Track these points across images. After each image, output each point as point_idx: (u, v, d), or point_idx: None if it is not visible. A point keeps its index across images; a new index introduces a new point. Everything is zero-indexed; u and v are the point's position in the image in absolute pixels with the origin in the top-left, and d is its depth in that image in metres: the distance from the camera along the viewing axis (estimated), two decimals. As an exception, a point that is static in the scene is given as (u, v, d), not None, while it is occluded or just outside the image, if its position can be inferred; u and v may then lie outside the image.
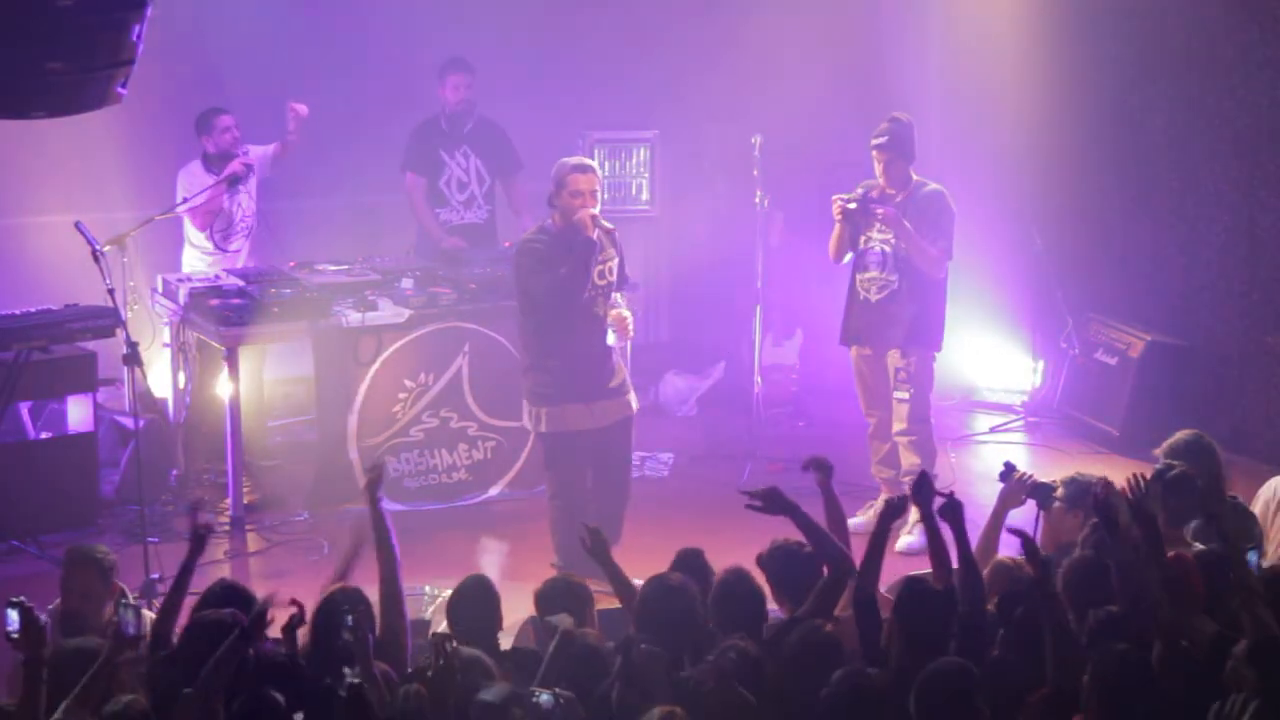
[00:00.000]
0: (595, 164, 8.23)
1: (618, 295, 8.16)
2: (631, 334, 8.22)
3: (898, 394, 8.69)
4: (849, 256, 8.82)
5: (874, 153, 8.60)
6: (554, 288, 7.85)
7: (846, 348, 8.93)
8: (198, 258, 9.67)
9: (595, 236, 7.89)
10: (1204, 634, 5.42)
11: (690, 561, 6.16)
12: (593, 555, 6.17)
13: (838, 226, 8.66)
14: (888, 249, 8.60)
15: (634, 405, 8.31)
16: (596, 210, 7.93)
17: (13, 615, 5.11)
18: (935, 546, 5.99)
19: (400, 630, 5.64)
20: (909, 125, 8.66)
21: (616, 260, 8.12)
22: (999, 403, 11.14)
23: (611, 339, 8.07)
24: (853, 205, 8.55)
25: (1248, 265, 10.09)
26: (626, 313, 8.12)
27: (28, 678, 5.06)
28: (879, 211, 8.55)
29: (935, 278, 8.61)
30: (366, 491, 6.01)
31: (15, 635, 5.10)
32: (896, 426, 8.73)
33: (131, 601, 6.21)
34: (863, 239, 8.68)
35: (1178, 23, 10.36)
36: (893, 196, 8.61)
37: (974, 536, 6.17)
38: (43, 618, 5.17)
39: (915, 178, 8.69)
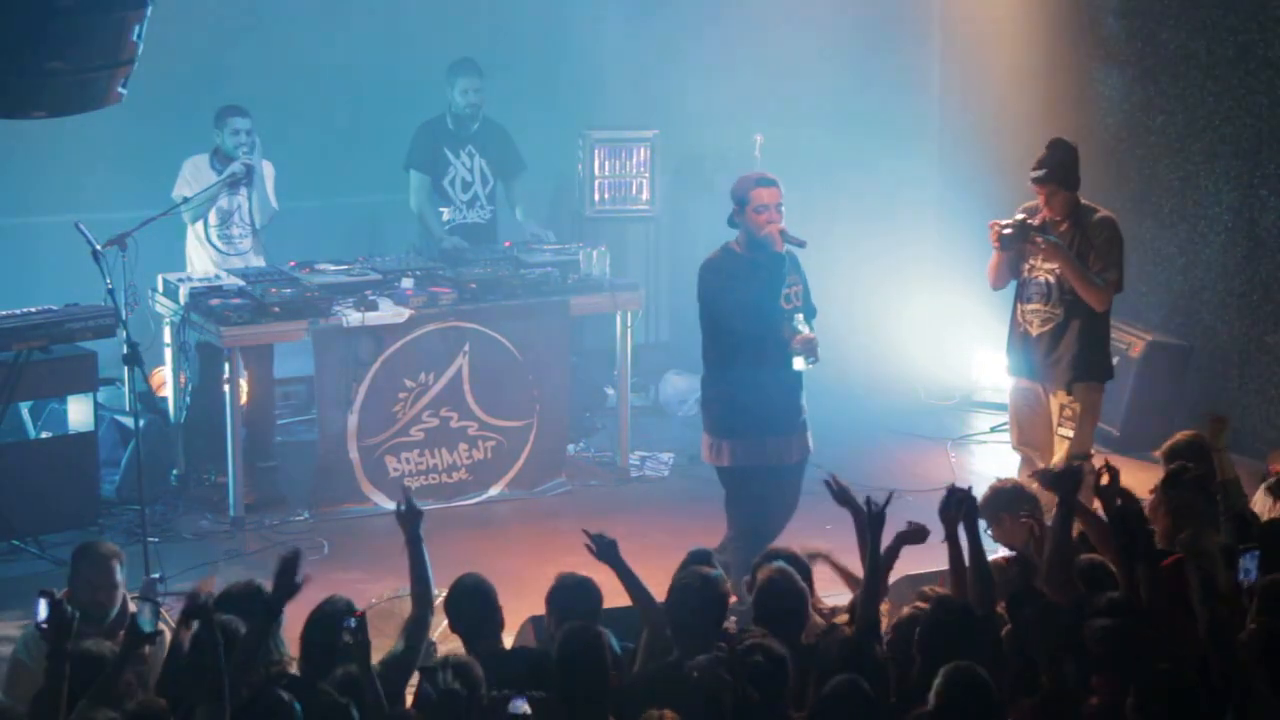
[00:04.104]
0: (777, 177, 7.50)
1: (798, 317, 7.44)
2: (818, 358, 7.37)
3: (1061, 431, 8.08)
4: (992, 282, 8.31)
5: (1033, 186, 8.05)
6: (743, 308, 7.26)
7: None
8: (198, 252, 9.66)
9: (785, 252, 7.34)
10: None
11: (700, 560, 6.15)
12: (602, 560, 6.03)
13: (996, 253, 8.09)
14: (1052, 280, 8.00)
15: (811, 445, 7.59)
16: (783, 225, 7.33)
17: (43, 606, 5.14)
18: (957, 562, 5.95)
19: (410, 662, 5.58)
20: (1069, 150, 8.04)
21: (801, 286, 7.54)
22: (999, 403, 11.13)
23: (799, 364, 7.34)
24: (1008, 231, 7.98)
25: (1248, 265, 10.10)
26: (812, 332, 7.41)
27: (51, 670, 5.11)
28: (1039, 240, 7.95)
29: (1100, 311, 8.03)
30: (402, 523, 5.74)
31: (44, 626, 5.14)
32: (1054, 460, 8.08)
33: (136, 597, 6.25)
34: (1026, 267, 8.08)
35: (1178, 23, 10.37)
36: (1058, 224, 8.03)
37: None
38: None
39: (1083, 203, 8.09)
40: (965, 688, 5.01)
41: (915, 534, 6.08)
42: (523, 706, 4.94)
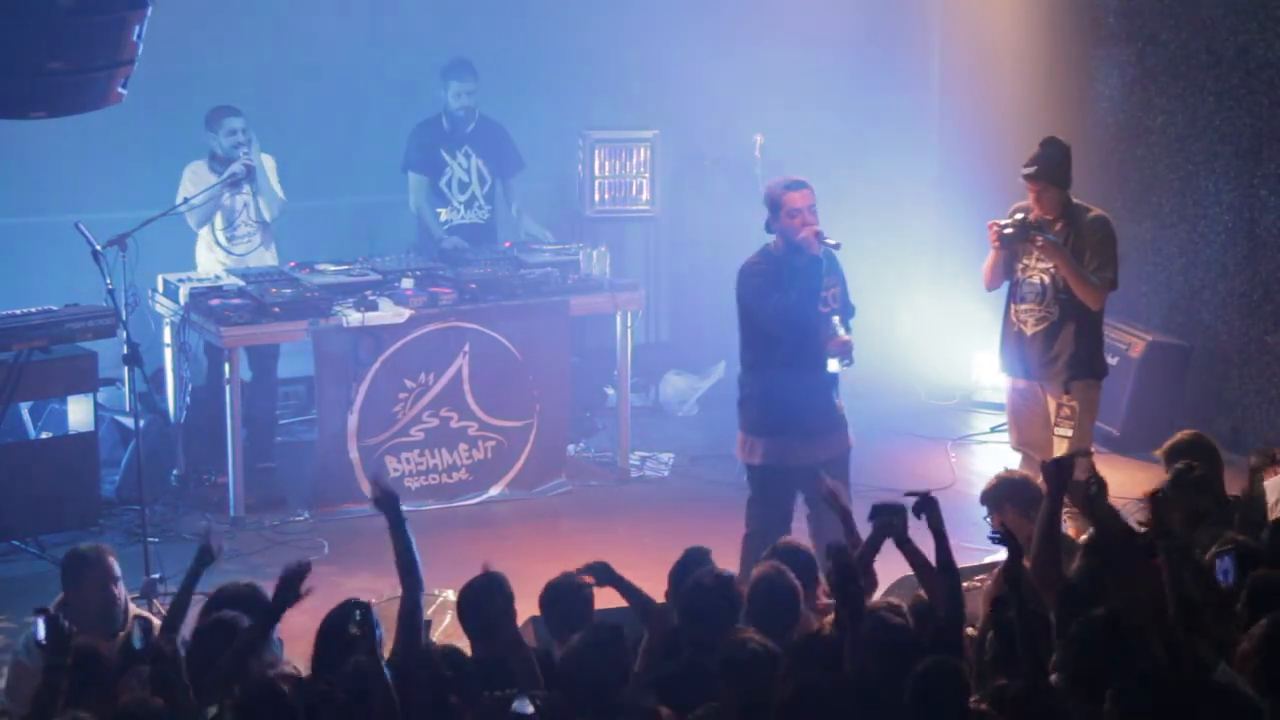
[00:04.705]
0: (806, 179, 7.52)
1: (835, 320, 7.49)
2: (853, 360, 7.47)
3: (1059, 431, 8.04)
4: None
5: (1024, 183, 8.07)
6: (781, 312, 7.31)
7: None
8: (207, 253, 9.65)
9: (820, 255, 7.34)
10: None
11: (699, 559, 6.14)
12: (603, 584, 5.98)
13: (993, 252, 8.09)
14: (1047, 279, 8.01)
15: (852, 440, 7.66)
16: (819, 227, 7.35)
17: (41, 625, 5.21)
18: (919, 561, 5.95)
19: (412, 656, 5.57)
20: (1061, 149, 8.04)
21: (839, 287, 7.57)
22: (998, 403, 11.12)
23: (834, 366, 7.42)
24: (1009, 230, 7.99)
25: (1248, 265, 10.10)
26: (848, 334, 7.49)
27: (48, 683, 5.15)
28: (1038, 239, 7.96)
29: (1095, 309, 8.05)
30: (380, 508, 5.67)
31: (43, 644, 5.17)
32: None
33: (142, 613, 6.27)
34: (1020, 266, 8.10)
35: (1178, 23, 10.37)
36: (1051, 223, 8.02)
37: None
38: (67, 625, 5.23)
39: (1076, 202, 8.08)
40: (936, 688, 5.04)
41: (888, 527, 6.04)
42: (527, 707, 4.93)
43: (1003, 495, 6.74)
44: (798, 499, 7.58)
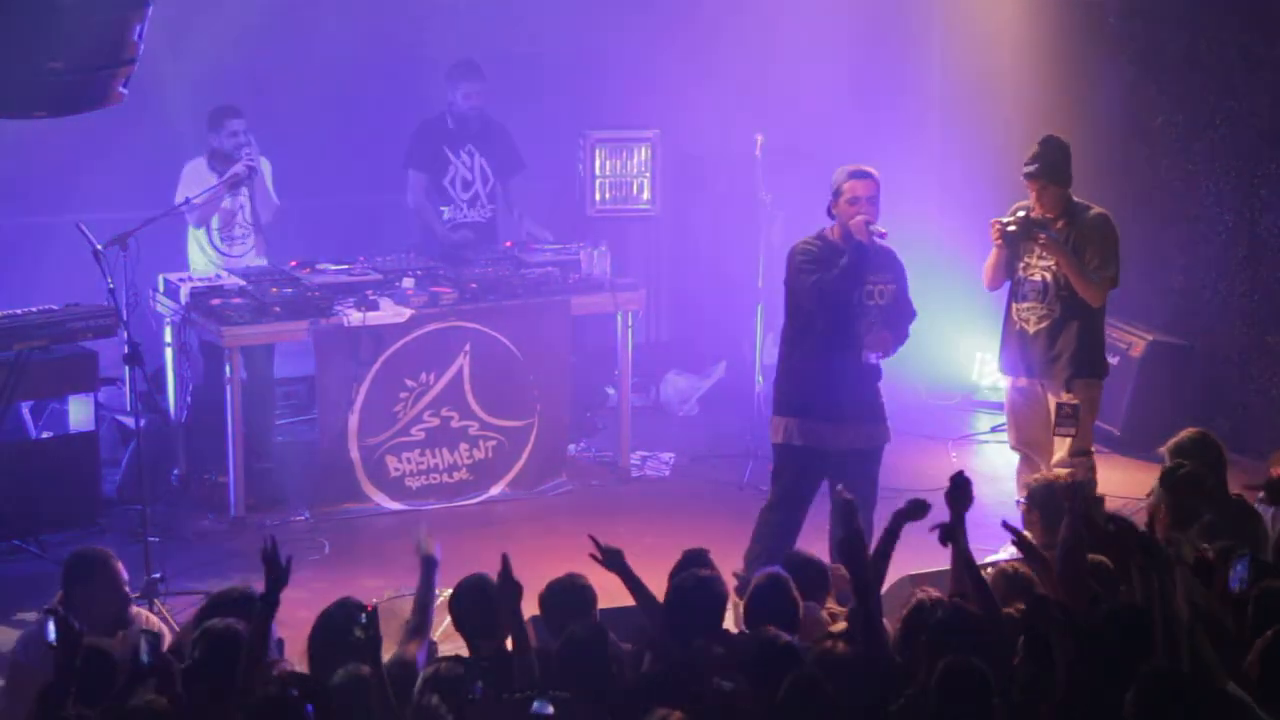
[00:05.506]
0: (875, 171, 7.63)
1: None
2: (890, 352, 7.62)
3: (1061, 430, 8.07)
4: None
5: (1025, 181, 8.11)
6: (817, 289, 7.40)
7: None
8: (199, 254, 9.65)
9: (868, 244, 7.42)
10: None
11: (696, 561, 6.14)
12: (609, 568, 6.01)
13: (994, 251, 8.14)
14: (1048, 277, 8.05)
15: (888, 435, 7.73)
16: (879, 225, 7.46)
17: (51, 626, 5.22)
18: (957, 554, 5.94)
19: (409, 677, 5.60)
20: (1060, 148, 8.06)
21: (894, 286, 7.62)
22: (1000, 402, 11.12)
23: (870, 358, 7.53)
24: (1012, 228, 8.03)
25: (1249, 265, 10.10)
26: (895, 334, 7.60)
27: (58, 683, 5.18)
28: (1040, 237, 8.00)
29: (1096, 307, 8.08)
30: (421, 561, 5.99)
31: (55, 644, 5.20)
32: (1055, 458, 8.09)
33: (143, 612, 6.27)
34: (1021, 265, 8.14)
35: (1179, 23, 10.37)
36: (1052, 221, 8.06)
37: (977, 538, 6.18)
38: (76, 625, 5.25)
39: (1076, 200, 8.12)
40: (962, 680, 5.03)
41: (914, 509, 5.98)
42: (548, 708, 4.92)
43: (1036, 501, 6.75)
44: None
